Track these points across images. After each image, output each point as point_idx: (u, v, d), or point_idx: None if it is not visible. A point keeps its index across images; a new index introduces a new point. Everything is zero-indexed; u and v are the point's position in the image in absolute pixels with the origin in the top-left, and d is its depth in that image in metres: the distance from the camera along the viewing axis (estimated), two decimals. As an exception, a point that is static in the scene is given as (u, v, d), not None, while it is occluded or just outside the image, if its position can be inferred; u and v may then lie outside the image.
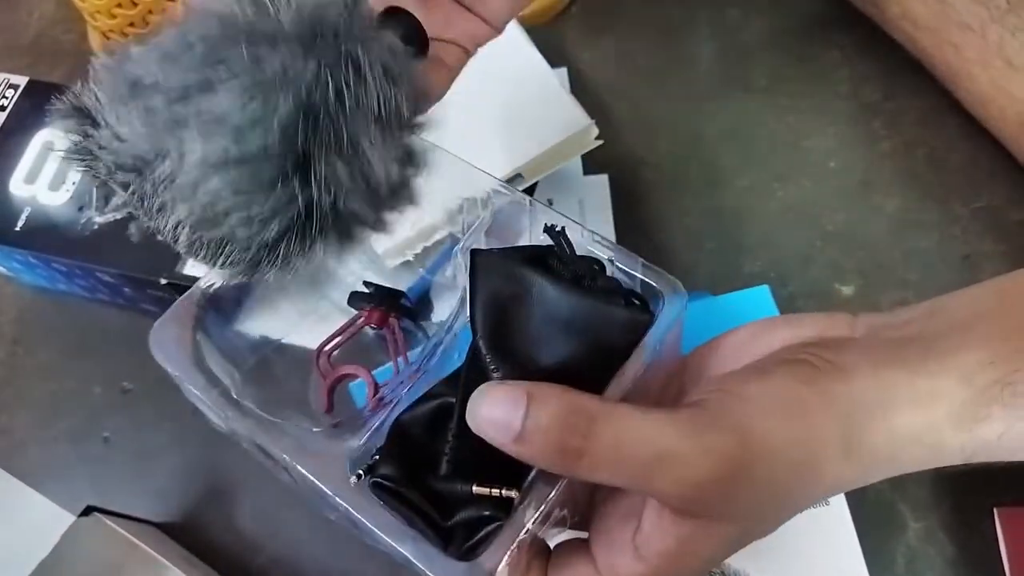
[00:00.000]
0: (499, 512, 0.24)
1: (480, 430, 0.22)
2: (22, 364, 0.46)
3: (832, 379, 0.24)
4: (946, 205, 0.47)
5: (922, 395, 0.24)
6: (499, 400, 0.22)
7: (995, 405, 0.24)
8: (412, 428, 0.27)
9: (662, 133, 0.50)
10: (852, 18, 0.51)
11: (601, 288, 0.26)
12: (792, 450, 0.24)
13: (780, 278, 0.45)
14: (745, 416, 0.23)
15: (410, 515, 0.25)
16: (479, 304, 0.25)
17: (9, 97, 0.46)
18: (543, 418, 0.22)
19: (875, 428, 0.24)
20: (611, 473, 0.23)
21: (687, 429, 0.23)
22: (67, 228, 0.42)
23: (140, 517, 0.41)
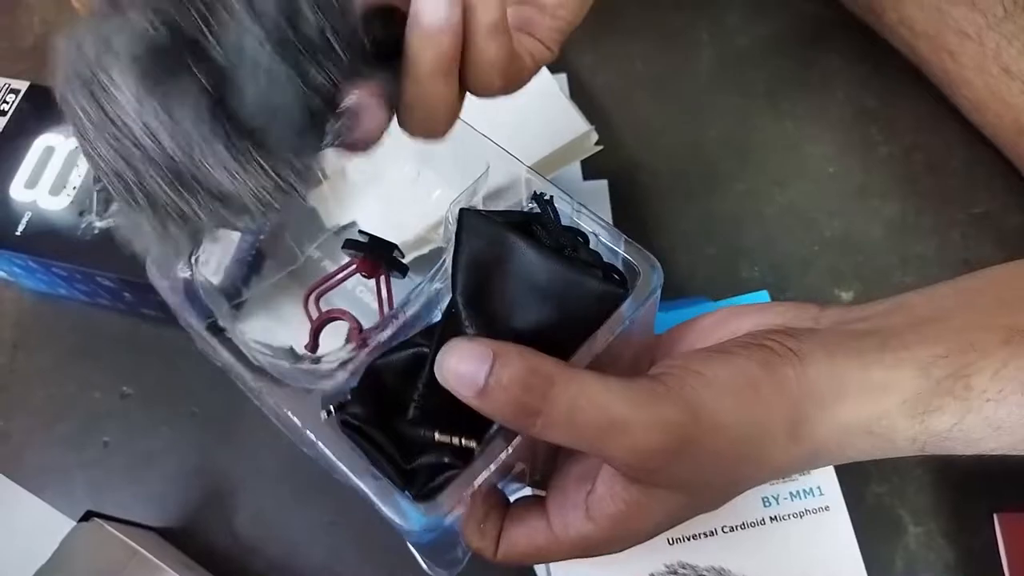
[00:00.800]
0: (458, 460, 0.26)
1: (446, 382, 0.23)
2: (22, 368, 0.46)
3: (787, 364, 0.25)
4: (944, 210, 0.47)
5: (875, 385, 0.25)
6: (466, 355, 0.23)
7: (948, 397, 0.25)
8: (386, 373, 0.28)
9: (661, 138, 0.50)
10: (850, 24, 0.51)
11: (581, 259, 0.27)
12: (741, 428, 0.25)
13: (779, 283, 0.45)
14: (699, 392, 0.24)
15: (375, 454, 0.26)
16: (461, 263, 0.26)
17: (10, 102, 0.46)
18: (504, 376, 0.23)
19: (824, 416, 0.25)
20: (564, 435, 0.24)
21: (642, 399, 0.24)
22: (68, 233, 0.42)
23: (139, 522, 0.41)
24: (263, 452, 0.43)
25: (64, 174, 0.43)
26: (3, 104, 0.46)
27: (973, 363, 0.25)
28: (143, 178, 0.23)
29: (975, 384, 0.25)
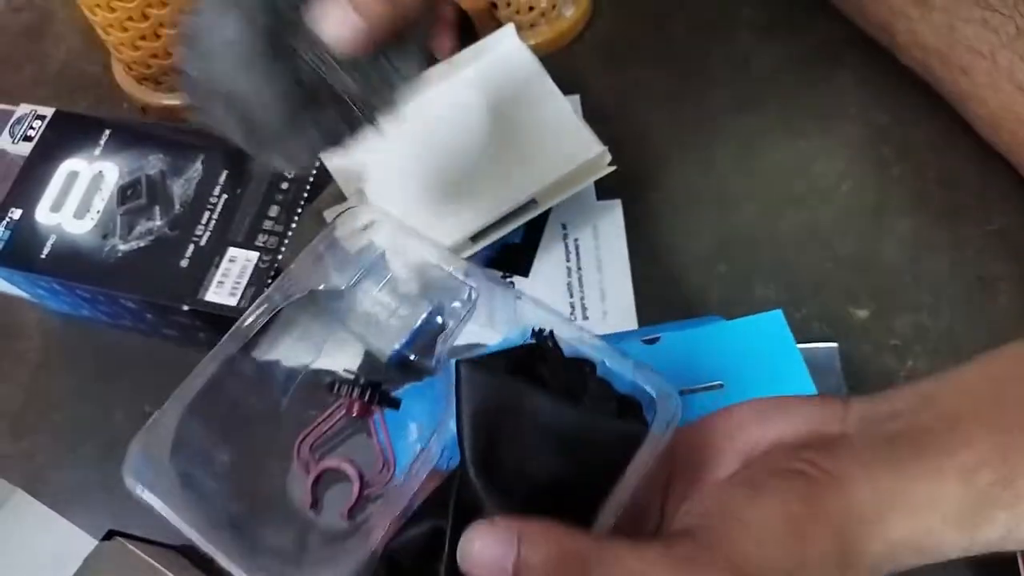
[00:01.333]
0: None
1: (470, 572, 0.22)
2: (45, 389, 0.47)
3: (828, 491, 0.24)
4: (959, 227, 0.47)
5: (920, 502, 0.24)
6: (489, 543, 0.22)
7: (997, 507, 0.24)
8: (402, 557, 0.26)
9: (674, 158, 0.51)
10: (862, 43, 0.51)
11: (592, 395, 0.25)
12: (788, 572, 0.23)
13: (793, 302, 0.45)
14: (740, 546, 0.23)
15: None
16: (465, 422, 0.25)
17: (36, 128, 0.47)
18: (534, 560, 0.21)
19: (871, 539, 0.24)
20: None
21: (682, 568, 0.22)
22: (91, 256, 0.43)
23: (160, 541, 0.42)
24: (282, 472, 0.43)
25: (88, 198, 0.44)
26: (29, 130, 0.47)
27: (1017, 466, 0.24)
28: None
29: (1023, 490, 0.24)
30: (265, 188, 0.44)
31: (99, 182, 0.45)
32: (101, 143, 0.46)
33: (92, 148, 0.46)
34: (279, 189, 0.44)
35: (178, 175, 0.45)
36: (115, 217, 0.43)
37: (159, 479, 0.27)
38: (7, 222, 0.44)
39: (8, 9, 0.62)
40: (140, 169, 0.45)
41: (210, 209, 0.43)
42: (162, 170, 0.45)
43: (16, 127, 0.47)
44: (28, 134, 0.47)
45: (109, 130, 0.46)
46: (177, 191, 0.44)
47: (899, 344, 0.44)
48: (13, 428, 0.46)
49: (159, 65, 0.52)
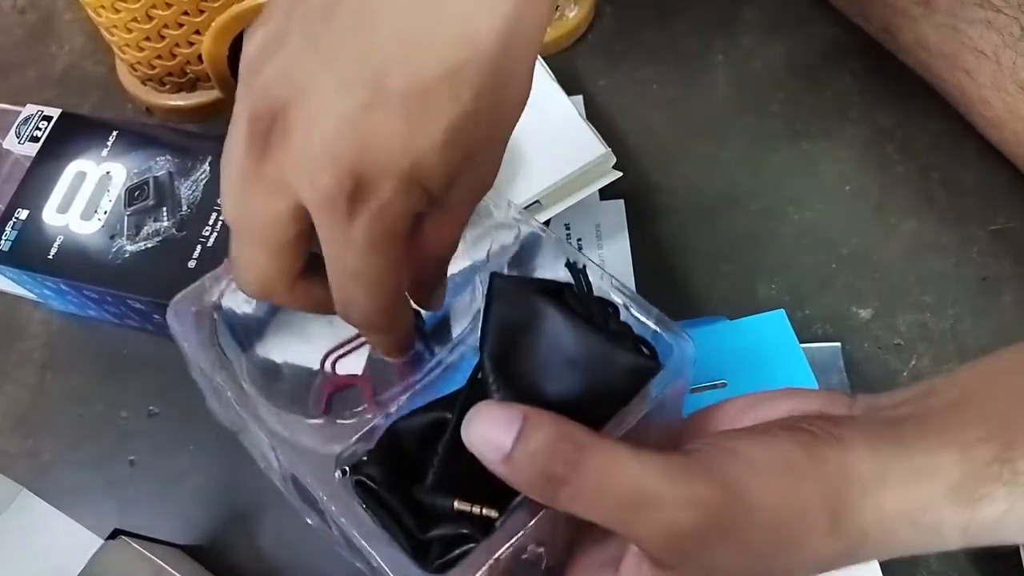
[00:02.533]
0: (477, 532, 0.24)
1: (472, 446, 0.22)
2: (50, 388, 0.47)
3: (828, 447, 0.24)
4: (962, 228, 0.47)
5: (918, 472, 0.24)
6: (494, 419, 0.22)
7: (996, 483, 0.24)
8: (405, 437, 0.27)
9: (677, 158, 0.51)
10: (864, 44, 0.51)
11: (612, 330, 0.26)
12: (779, 513, 0.23)
13: (796, 302, 0.45)
14: (735, 469, 0.23)
15: (388, 521, 0.25)
16: (491, 327, 0.25)
17: (43, 128, 0.47)
18: (533, 442, 0.22)
19: (864, 505, 0.24)
20: (591, 507, 0.22)
21: (675, 474, 0.22)
22: (99, 256, 0.43)
23: (165, 540, 0.42)
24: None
25: (95, 199, 0.44)
26: (36, 130, 0.47)
27: (1016, 445, 0.24)
28: None
29: (1023, 468, 0.24)
30: None
31: (106, 183, 0.45)
32: (108, 144, 0.46)
33: (99, 149, 0.46)
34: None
35: (186, 176, 0.45)
36: (123, 218, 0.43)
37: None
38: (14, 222, 0.44)
39: (12, 10, 0.62)
40: (148, 170, 0.45)
41: (217, 210, 0.44)
42: (170, 171, 0.45)
43: (22, 127, 0.47)
44: (34, 135, 0.47)
45: (116, 131, 0.47)
46: (185, 192, 0.44)
47: (902, 344, 0.44)
48: (19, 427, 0.46)
49: (163, 66, 0.52)
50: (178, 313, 0.30)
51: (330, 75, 0.22)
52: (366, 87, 0.22)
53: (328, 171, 0.22)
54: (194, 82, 0.54)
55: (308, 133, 0.22)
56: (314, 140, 0.22)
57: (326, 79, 0.22)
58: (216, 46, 0.50)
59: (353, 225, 0.23)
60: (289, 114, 0.22)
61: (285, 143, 0.22)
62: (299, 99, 0.22)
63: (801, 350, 0.40)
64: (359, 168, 0.22)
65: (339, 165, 0.22)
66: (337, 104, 0.22)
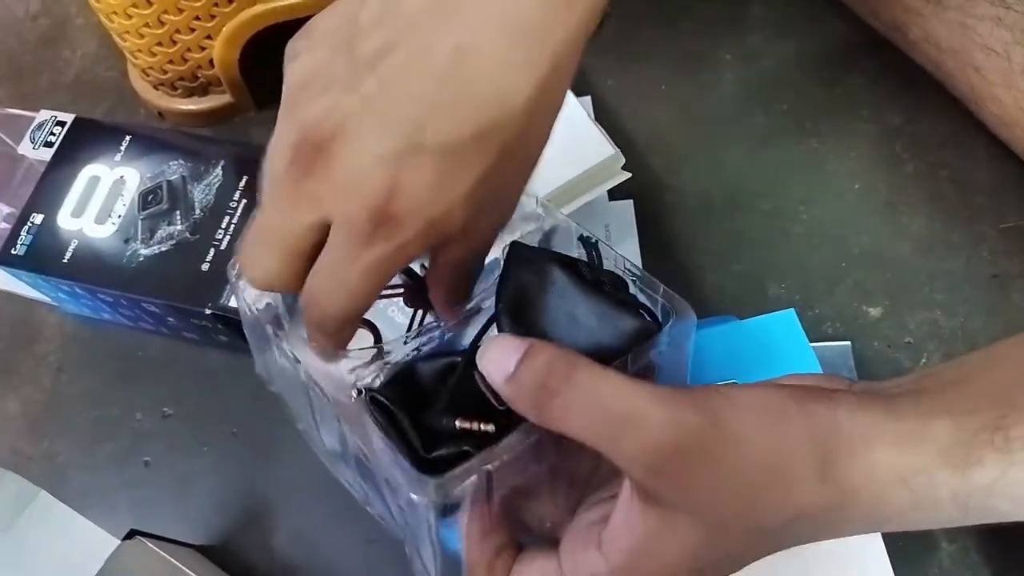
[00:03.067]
0: (478, 451, 0.26)
1: (483, 367, 0.25)
2: (66, 391, 0.48)
3: (819, 403, 0.25)
4: (972, 226, 0.47)
5: (909, 434, 0.25)
6: (505, 345, 0.25)
7: (987, 448, 0.24)
8: (421, 371, 0.30)
9: (686, 158, 0.51)
10: (873, 41, 0.51)
11: (619, 298, 0.28)
12: (763, 449, 0.24)
13: (806, 301, 0.45)
14: (721, 405, 0.24)
15: (396, 437, 0.27)
16: (507, 285, 0.28)
17: (57, 133, 0.48)
18: (534, 360, 0.24)
19: (853, 460, 0.24)
20: (579, 421, 0.24)
21: (663, 398, 0.24)
22: (113, 260, 0.43)
23: (180, 540, 0.42)
24: (301, 471, 0.44)
25: (109, 203, 0.45)
26: (50, 136, 0.48)
27: (1009, 415, 0.24)
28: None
29: (1015, 436, 0.24)
30: None
31: (120, 188, 0.45)
32: (122, 149, 0.47)
33: (113, 154, 0.46)
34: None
35: (198, 180, 0.45)
36: (136, 222, 0.43)
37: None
38: (29, 227, 0.45)
39: (26, 16, 0.63)
40: (161, 175, 0.46)
41: (230, 214, 0.44)
42: (183, 176, 0.45)
43: (36, 133, 0.48)
44: (48, 140, 0.47)
45: (129, 136, 0.47)
46: (198, 196, 0.45)
47: (912, 342, 0.44)
48: (35, 430, 0.47)
49: (175, 71, 0.52)
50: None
51: (374, 120, 0.24)
52: (404, 137, 0.24)
53: (362, 199, 0.24)
54: (206, 86, 0.54)
55: (349, 164, 0.24)
56: (354, 170, 0.24)
57: (371, 122, 0.24)
58: (227, 51, 0.51)
59: (367, 250, 0.25)
60: (333, 146, 0.24)
61: (327, 169, 0.24)
62: (344, 135, 0.24)
63: (811, 349, 0.40)
64: (389, 206, 0.24)
65: (373, 197, 0.24)
66: (378, 147, 0.24)
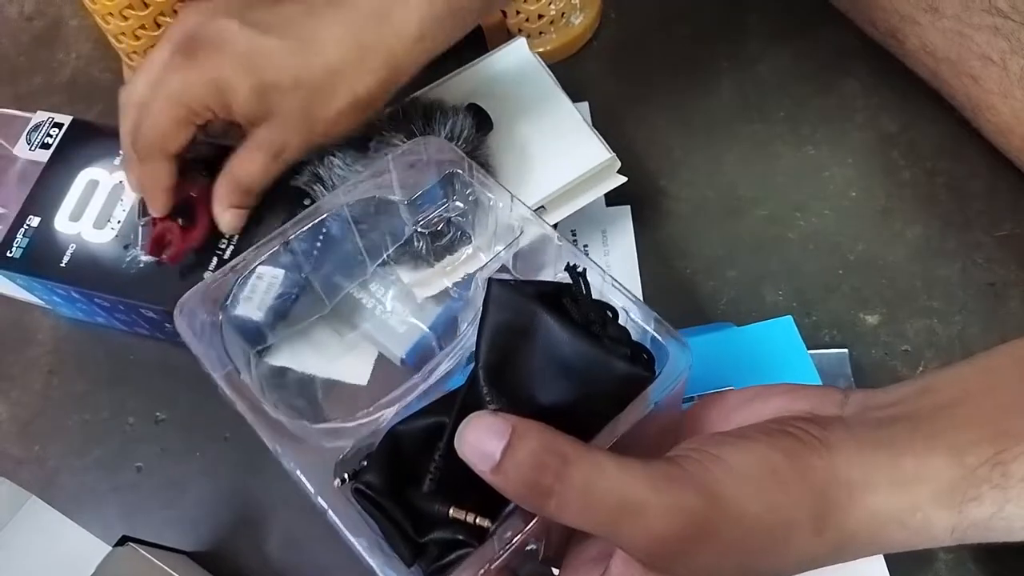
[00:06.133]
0: (472, 539, 0.25)
1: (464, 455, 0.23)
2: (58, 395, 0.48)
3: (813, 453, 0.25)
4: (969, 233, 0.47)
5: (907, 476, 0.24)
6: (485, 429, 0.23)
7: (985, 486, 0.24)
8: (404, 440, 0.28)
9: (683, 165, 0.51)
10: (870, 49, 0.51)
11: (609, 336, 0.26)
12: (762, 518, 0.24)
13: (803, 307, 0.45)
14: (719, 477, 0.24)
15: (386, 525, 0.26)
16: (485, 334, 0.26)
17: (54, 135, 0.47)
18: (520, 453, 0.23)
19: (852, 507, 0.24)
20: (577, 516, 0.23)
21: (658, 483, 0.23)
22: (112, 265, 0.43)
23: (172, 546, 0.42)
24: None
25: (108, 208, 0.44)
26: (47, 138, 0.47)
27: (1008, 449, 0.24)
28: None
29: (1013, 472, 0.24)
30: (289, 203, 0.44)
31: (120, 192, 0.45)
32: (120, 153, 0.46)
33: (112, 158, 0.46)
34: (303, 204, 0.44)
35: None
36: (136, 228, 0.43)
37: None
38: (25, 229, 0.44)
39: (20, 17, 0.62)
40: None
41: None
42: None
43: (33, 134, 0.47)
44: (45, 142, 0.47)
45: (126, 139, 0.47)
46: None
47: (909, 350, 0.44)
48: (26, 434, 0.47)
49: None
50: (185, 314, 0.31)
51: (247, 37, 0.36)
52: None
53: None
54: (201, 89, 0.54)
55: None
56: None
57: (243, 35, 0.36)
58: (223, 53, 0.50)
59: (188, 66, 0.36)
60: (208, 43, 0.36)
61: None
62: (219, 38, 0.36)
63: (809, 356, 0.40)
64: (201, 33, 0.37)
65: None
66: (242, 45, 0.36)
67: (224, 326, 0.32)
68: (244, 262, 0.33)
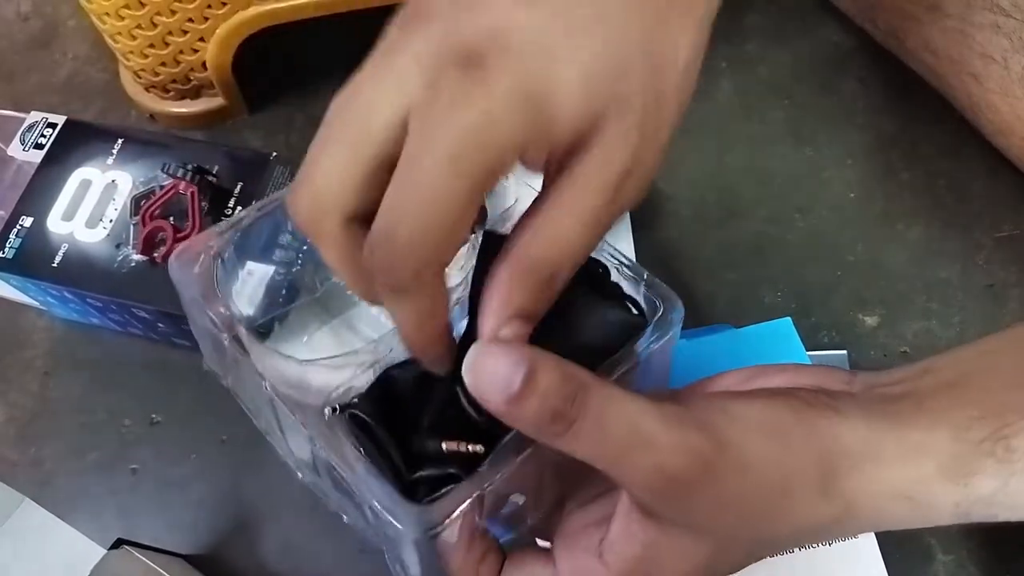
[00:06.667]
0: (463, 472, 0.25)
1: (477, 386, 0.22)
2: (53, 396, 0.47)
3: (819, 415, 0.25)
4: (969, 234, 0.47)
5: (911, 448, 0.24)
6: (502, 358, 0.21)
7: (989, 459, 0.24)
8: (398, 382, 0.27)
9: (681, 166, 0.50)
10: (870, 50, 0.51)
11: (601, 289, 0.27)
12: (767, 472, 0.24)
13: (802, 309, 0.45)
14: (726, 427, 0.23)
15: (377, 457, 0.25)
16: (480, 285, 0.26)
17: (48, 135, 0.47)
18: (543, 381, 0.21)
19: (859, 477, 0.24)
20: (591, 446, 0.22)
21: (670, 421, 0.23)
22: (104, 265, 0.43)
23: (168, 549, 0.42)
24: (291, 480, 0.43)
25: (100, 208, 0.44)
26: (40, 138, 0.47)
27: (1011, 424, 0.24)
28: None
29: (1016, 446, 0.24)
30: (281, 200, 0.44)
31: (112, 191, 0.45)
32: (114, 152, 0.46)
33: (105, 157, 0.46)
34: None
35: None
36: (128, 227, 0.43)
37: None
38: (18, 230, 0.44)
39: (16, 17, 0.62)
40: (154, 179, 0.45)
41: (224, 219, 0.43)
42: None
43: (27, 135, 0.47)
44: (39, 142, 0.47)
45: (121, 139, 0.46)
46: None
47: (908, 351, 0.44)
48: (21, 436, 0.46)
49: (167, 73, 0.52)
50: (181, 265, 0.31)
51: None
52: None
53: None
54: (198, 89, 0.53)
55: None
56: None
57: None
58: (221, 54, 0.50)
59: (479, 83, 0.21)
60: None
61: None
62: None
63: (808, 358, 0.40)
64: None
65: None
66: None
67: (219, 273, 0.32)
68: (246, 217, 0.33)
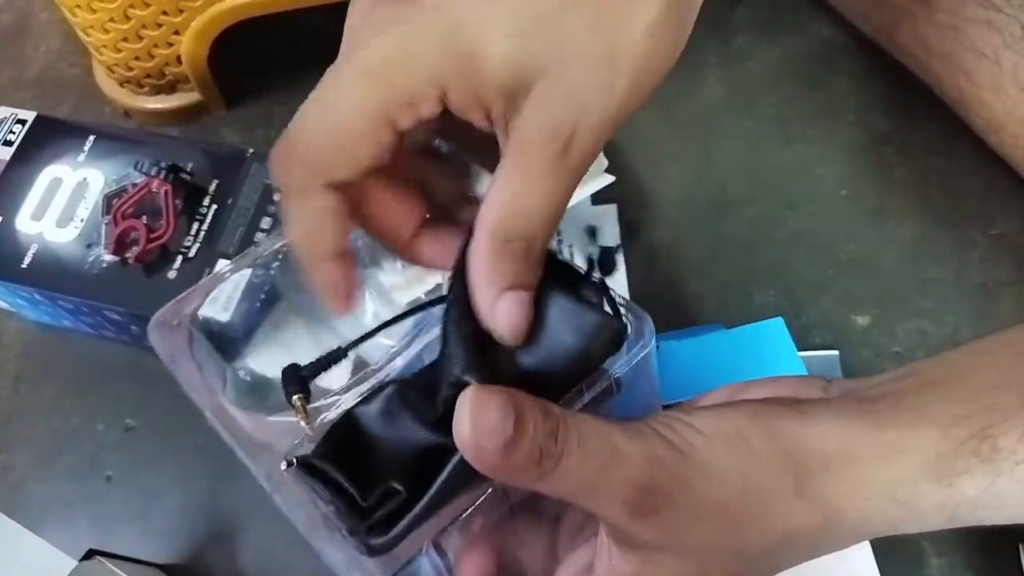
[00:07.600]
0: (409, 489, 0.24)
1: (468, 437, 0.21)
2: (24, 401, 0.46)
3: (778, 417, 0.24)
4: (962, 232, 0.46)
5: (890, 447, 0.24)
6: (491, 406, 0.21)
7: (974, 459, 0.24)
8: (361, 419, 0.26)
9: (670, 163, 0.50)
10: (861, 45, 0.51)
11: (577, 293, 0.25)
12: (731, 474, 0.23)
13: (793, 308, 0.45)
14: (685, 437, 0.24)
15: (339, 500, 0.25)
16: (454, 296, 0.24)
17: (17, 132, 0.45)
18: (530, 424, 0.22)
19: (835, 478, 0.24)
20: (575, 475, 0.22)
21: (631, 434, 0.23)
22: (75, 266, 0.41)
23: (143, 559, 0.41)
24: (269, 487, 0.42)
25: (71, 206, 0.43)
26: (9, 134, 0.45)
27: (997, 424, 0.24)
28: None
29: (1003, 445, 0.23)
30: (257, 199, 0.42)
31: (83, 190, 0.43)
32: (85, 149, 0.45)
33: (76, 154, 0.45)
34: (271, 200, 0.42)
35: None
36: (100, 227, 0.41)
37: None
38: (-15, 230, 0.43)
39: (-12, 11, 0.60)
40: (127, 177, 0.44)
41: (199, 220, 0.42)
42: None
43: (-5, 131, 0.46)
44: (8, 138, 0.45)
45: (94, 136, 0.45)
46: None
47: (901, 351, 0.43)
48: (-9, 442, 0.45)
49: (142, 67, 0.51)
50: (159, 328, 0.30)
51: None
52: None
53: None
54: (173, 84, 0.52)
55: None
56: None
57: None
58: (196, 47, 0.49)
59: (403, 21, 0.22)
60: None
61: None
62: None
63: (799, 358, 0.39)
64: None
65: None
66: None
67: (195, 339, 0.31)
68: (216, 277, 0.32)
